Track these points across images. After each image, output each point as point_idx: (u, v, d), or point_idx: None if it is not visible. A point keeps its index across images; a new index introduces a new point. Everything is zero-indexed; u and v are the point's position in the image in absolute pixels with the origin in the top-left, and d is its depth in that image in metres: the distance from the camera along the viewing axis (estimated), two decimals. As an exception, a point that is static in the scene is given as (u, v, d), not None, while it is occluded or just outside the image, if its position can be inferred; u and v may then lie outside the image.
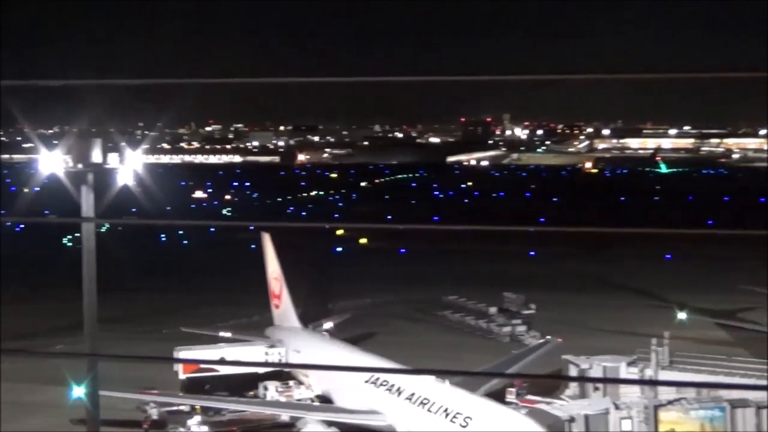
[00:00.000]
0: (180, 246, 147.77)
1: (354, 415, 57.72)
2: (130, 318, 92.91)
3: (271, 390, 65.22)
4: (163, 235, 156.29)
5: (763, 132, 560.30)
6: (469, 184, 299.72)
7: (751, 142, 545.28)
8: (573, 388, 63.48)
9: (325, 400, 63.89)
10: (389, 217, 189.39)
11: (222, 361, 64.97)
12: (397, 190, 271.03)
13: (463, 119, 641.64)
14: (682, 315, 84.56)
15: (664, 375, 60.60)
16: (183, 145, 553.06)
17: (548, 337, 79.33)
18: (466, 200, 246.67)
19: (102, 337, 40.22)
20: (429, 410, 52.46)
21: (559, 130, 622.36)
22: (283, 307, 76.76)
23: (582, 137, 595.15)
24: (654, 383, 58.84)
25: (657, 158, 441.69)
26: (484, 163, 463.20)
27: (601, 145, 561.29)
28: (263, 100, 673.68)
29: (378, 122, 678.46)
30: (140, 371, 66.47)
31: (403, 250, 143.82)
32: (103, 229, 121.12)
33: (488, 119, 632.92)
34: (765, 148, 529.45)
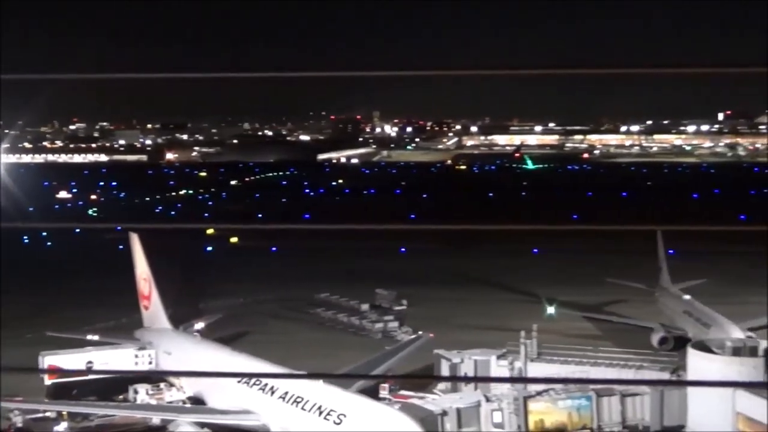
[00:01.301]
0: (44, 248, 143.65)
1: (227, 416, 57.11)
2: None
3: (142, 393, 64.02)
4: (25, 237, 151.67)
5: (624, 129, 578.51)
6: (340, 181, 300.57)
7: (612, 138, 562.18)
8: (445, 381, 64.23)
9: (197, 401, 63.03)
10: (260, 215, 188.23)
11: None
12: (268, 189, 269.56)
13: (333, 117, 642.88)
14: (550, 309, 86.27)
15: (533, 367, 61.94)
16: (46, 144, 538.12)
17: (420, 332, 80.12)
18: (337, 198, 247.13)
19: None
20: (303, 408, 52.28)
21: (428, 128, 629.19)
22: (153, 309, 75.39)
23: (451, 134, 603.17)
24: (523, 381, 60.09)
25: (516, 155, 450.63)
26: (355, 160, 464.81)
27: (469, 142, 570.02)
28: (129, 98, 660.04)
29: (247, 120, 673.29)
30: (3, 378, 64.26)
31: (275, 249, 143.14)
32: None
33: (358, 117, 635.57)
34: (626, 144, 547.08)
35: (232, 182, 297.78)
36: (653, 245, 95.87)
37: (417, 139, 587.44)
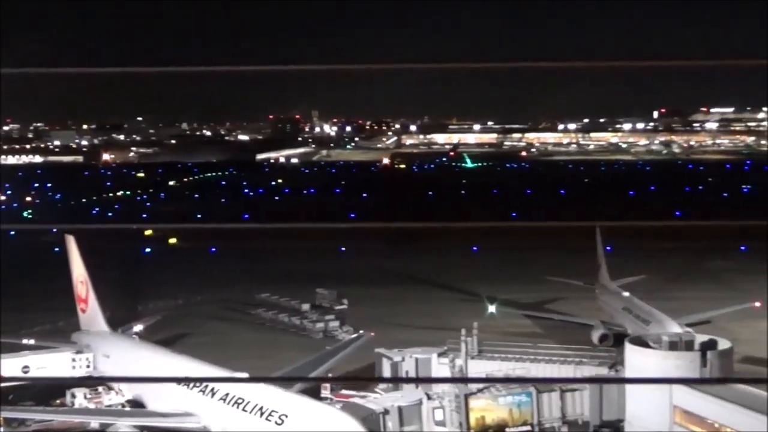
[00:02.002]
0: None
1: (167, 419, 56.61)
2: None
3: (80, 397, 63.22)
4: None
5: (561, 127, 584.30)
6: (279, 181, 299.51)
7: (550, 137, 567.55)
8: (386, 380, 64.34)
9: (136, 404, 62.40)
10: (199, 216, 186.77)
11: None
12: (207, 189, 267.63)
13: (271, 116, 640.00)
14: (491, 307, 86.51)
15: (474, 364, 62.33)
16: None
17: (361, 331, 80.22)
18: (277, 198, 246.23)
19: None
20: (244, 410, 52.02)
21: (367, 127, 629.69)
22: (90, 311, 74.45)
23: (390, 133, 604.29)
24: (464, 381, 60.37)
25: (451, 153, 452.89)
26: (294, 160, 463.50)
27: (408, 141, 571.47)
28: (63, 98, 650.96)
29: (185, 120, 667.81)
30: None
31: (214, 250, 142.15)
32: None
33: (297, 116, 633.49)
34: (564, 142, 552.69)
35: (171, 183, 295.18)
36: (591, 242, 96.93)
37: (356, 139, 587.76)
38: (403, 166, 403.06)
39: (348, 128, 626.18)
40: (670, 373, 50.77)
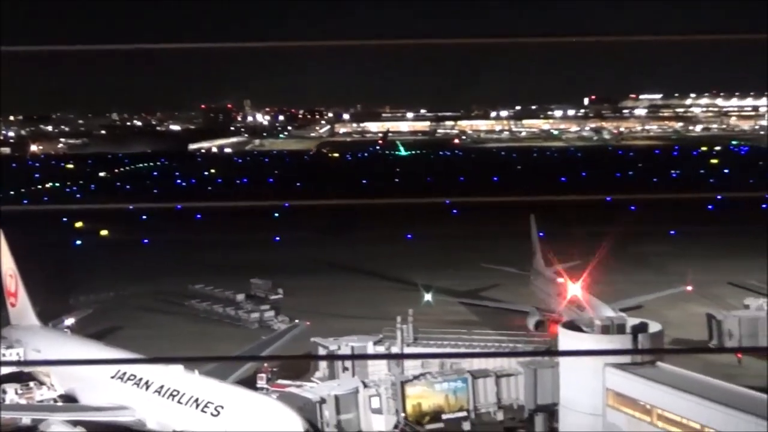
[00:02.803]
0: None
1: (101, 413, 55.91)
2: None
3: (10, 393, 62.16)
4: None
5: (493, 114, 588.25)
6: (212, 171, 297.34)
7: (483, 124, 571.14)
8: (323, 369, 64.39)
9: (69, 399, 61.53)
10: (131, 207, 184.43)
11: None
12: (138, 180, 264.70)
13: (203, 106, 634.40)
14: (427, 296, 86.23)
15: (410, 351, 62.66)
16: None
17: (296, 321, 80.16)
18: (210, 188, 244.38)
19: None
20: (179, 402, 51.63)
21: (300, 116, 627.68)
22: (20, 306, 73.14)
23: (323, 122, 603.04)
24: (401, 357, 60.59)
25: (380, 142, 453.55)
26: (227, 150, 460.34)
27: (342, 130, 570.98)
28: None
29: (115, 110, 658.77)
30: None
31: (146, 241, 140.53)
32: None
33: (229, 105, 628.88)
34: (496, 129, 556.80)
35: (101, 174, 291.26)
36: (525, 229, 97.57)
37: (289, 128, 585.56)
38: (336, 154, 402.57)
39: (281, 117, 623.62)
40: (602, 355, 51.41)
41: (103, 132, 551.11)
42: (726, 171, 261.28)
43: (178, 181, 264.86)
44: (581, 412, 51.98)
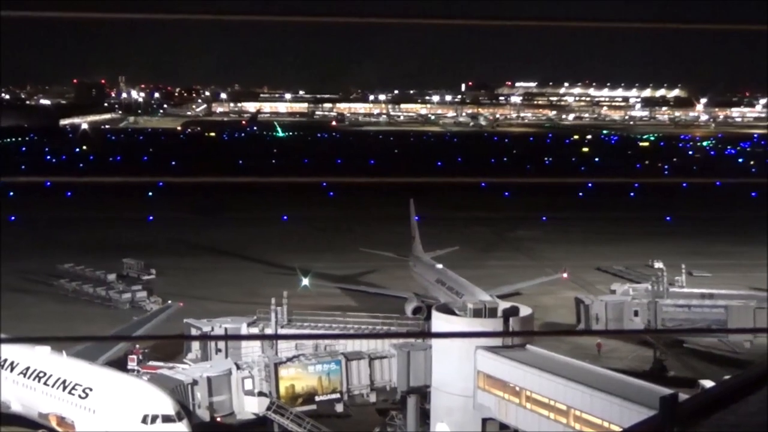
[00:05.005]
0: None
1: (-38, 395, 54.13)
2: None
3: None
4: None
5: (372, 98, 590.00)
6: (84, 148, 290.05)
7: (361, 107, 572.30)
8: (195, 351, 63.75)
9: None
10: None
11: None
12: (4, 157, 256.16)
13: (75, 80, 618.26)
14: (304, 280, 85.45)
15: (284, 333, 62.47)
16: None
17: (169, 301, 79.21)
18: (81, 165, 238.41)
19: None
20: (46, 384, 50.47)
21: (176, 94, 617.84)
22: None
23: (200, 101, 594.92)
24: (275, 337, 60.34)
25: (243, 122, 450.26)
26: (102, 127, 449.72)
27: (219, 109, 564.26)
28: None
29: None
30: None
31: (13, 218, 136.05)
32: None
33: (102, 81, 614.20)
34: (375, 113, 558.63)
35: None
36: (403, 213, 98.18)
37: (165, 106, 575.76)
38: (213, 134, 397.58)
39: (156, 95, 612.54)
40: (474, 338, 52.23)
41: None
42: (596, 159, 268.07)
43: (48, 157, 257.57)
44: (453, 394, 52.81)
